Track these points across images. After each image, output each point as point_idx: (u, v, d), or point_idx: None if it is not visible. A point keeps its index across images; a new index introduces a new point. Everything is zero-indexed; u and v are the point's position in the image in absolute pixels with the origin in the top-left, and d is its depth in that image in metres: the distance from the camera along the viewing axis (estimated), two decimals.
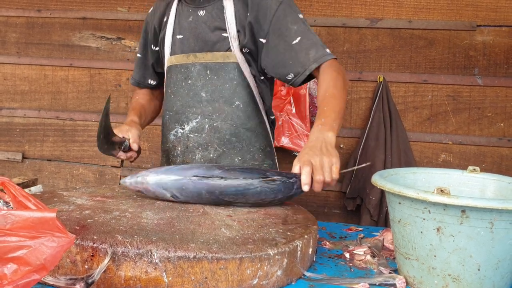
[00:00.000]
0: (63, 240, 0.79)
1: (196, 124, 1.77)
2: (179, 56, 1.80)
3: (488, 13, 2.75)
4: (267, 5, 1.65)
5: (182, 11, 1.82)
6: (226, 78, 1.73)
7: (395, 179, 1.26)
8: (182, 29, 1.81)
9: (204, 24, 1.76)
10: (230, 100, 1.74)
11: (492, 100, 2.76)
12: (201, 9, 1.77)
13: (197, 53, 1.76)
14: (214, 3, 1.76)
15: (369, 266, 1.22)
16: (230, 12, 1.72)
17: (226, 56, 1.73)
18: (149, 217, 1.18)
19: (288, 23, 1.64)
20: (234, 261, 0.98)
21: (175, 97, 1.81)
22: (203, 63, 1.75)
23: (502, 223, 0.99)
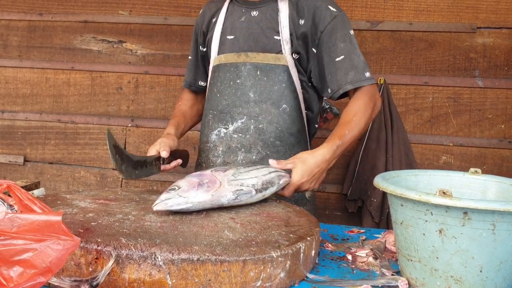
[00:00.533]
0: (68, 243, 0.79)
1: (241, 124, 1.74)
2: (229, 54, 1.78)
3: (488, 15, 2.76)
4: (321, 16, 1.68)
5: (234, 11, 1.82)
6: (276, 80, 1.73)
7: (397, 181, 1.27)
8: (233, 30, 1.80)
9: (257, 24, 1.76)
10: (277, 102, 1.73)
11: (493, 101, 2.77)
12: (255, 10, 1.77)
13: (248, 53, 1.75)
14: (269, 5, 1.76)
15: (371, 268, 1.22)
16: (284, 15, 1.72)
17: (277, 58, 1.73)
18: (152, 220, 1.19)
19: (336, 39, 1.68)
20: (238, 263, 0.98)
21: (221, 96, 1.78)
22: (254, 63, 1.74)
23: (504, 225, 1.00)
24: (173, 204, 1.22)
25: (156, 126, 3.08)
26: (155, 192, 1.54)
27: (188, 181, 1.28)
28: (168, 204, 1.22)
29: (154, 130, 3.08)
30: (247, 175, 1.37)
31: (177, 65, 3.06)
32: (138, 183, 3.10)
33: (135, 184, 3.11)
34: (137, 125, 3.10)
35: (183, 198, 1.23)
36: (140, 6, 3.10)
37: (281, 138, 1.74)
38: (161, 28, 3.07)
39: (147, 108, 3.11)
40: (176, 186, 1.26)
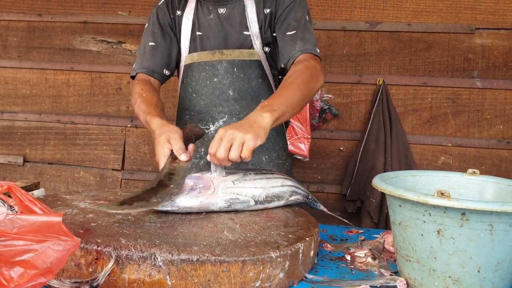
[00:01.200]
0: (68, 243, 0.80)
1: (223, 123, 1.72)
2: (203, 53, 1.75)
3: (487, 16, 2.76)
4: (281, 1, 1.69)
5: (202, 8, 1.78)
6: (252, 76, 1.72)
7: (396, 182, 1.27)
8: (202, 27, 1.77)
9: (226, 21, 1.75)
10: (256, 98, 1.72)
11: (491, 102, 2.78)
12: (222, 7, 1.75)
13: (224, 50, 1.73)
14: (235, 1, 1.75)
15: (370, 268, 1.23)
16: (251, 10, 1.72)
17: (251, 53, 1.72)
18: (152, 221, 1.19)
19: (290, 18, 1.67)
20: (237, 264, 0.99)
21: (197, 96, 1.76)
22: (229, 60, 1.72)
23: (501, 225, 1.00)
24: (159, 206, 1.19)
25: None
26: None
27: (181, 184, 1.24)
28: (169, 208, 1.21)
29: None
30: (251, 184, 1.32)
31: None
32: (138, 183, 3.11)
33: (135, 184, 3.12)
34: (136, 125, 3.10)
35: (170, 201, 1.21)
36: (139, 7, 3.10)
37: None
38: None
39: None
40: None
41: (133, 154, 3.12)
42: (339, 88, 2.89)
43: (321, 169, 2.93)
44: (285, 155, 1.83)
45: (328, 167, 2.93)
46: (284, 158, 1.82)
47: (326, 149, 2.92)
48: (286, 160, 1.83)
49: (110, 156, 3.14)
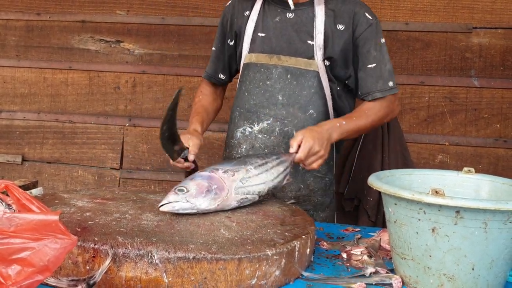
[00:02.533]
0: (65, 241, 0.80)
1: (267, 125, 1.78)
2: (261, 55, 1.80)
3: (484, 15, 2.77)
4: (358, 22, 1.75)
5: (269, 9, 1.82)
6: (305, 85, 1.76)
7: (391, 181, 1.28)
8: (265, 28, 1.81)
9: (291, 27, 1.78)
10: (305, 107, 1.76)
11: (488, 101, 2.79)
12: (291, 12, 1.78)
13: (281, 56, 1.77)
14: (305, 8, 1.78)
15: (366, 266, 1.24)
16: (320, 20, 1.75)
17: (309, 63, 1.76)
18: (149, 219, 1.20)
19: (370, 47, 1.75)
20: (233, 262, 1.00)
21: (249, 95, 1.82)
22: (285, 67, 1.77)
23: (495, 223, 1.01)
24: (179, 208, 1.23)
25: (154, 126, 3.08)
26: (152, 192, 1.55)
27: (197, 185, 1.28)
28: (175, 207, 1.23)
29: (151, 130, 3.09)
30: (256, 180, 1.39)
31: (174, 65, 3.07)
32: (136, 182, 3.12)
33: (133, 183, 3.12)
34: (134, 124, 3.11)
35: (190, 204, 1.24)
36: (138, 6, 3.10)
37: None
38: (159, 28, 3.08)
39: (144, 108, 3.12)
40: (184, 188, 1.26)
41: (131, 153, 3.12)
42: None
43: None
44: (326, 170, 1.85)
45: None
46: (324, 172, 1.84)
47: None
48: (326, 175, 1.85)
49: (108, 155, 3.15)
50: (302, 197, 1.81)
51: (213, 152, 3.01)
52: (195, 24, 3.03)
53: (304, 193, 1.81)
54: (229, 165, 1.40)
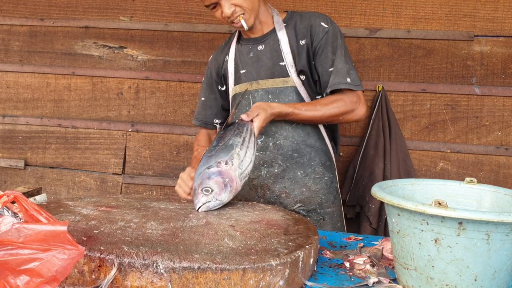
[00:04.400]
0: (73, 252, 0.81)
1: (261, 143, 1.94)
2: (243, 84, 2.00)
3: (486, 23, 2.79)
4: (315, 33, 1.91)
5: (243, 49, 2.03)
6: (286, 100, 1.92)
7: (394, 191, 1.29)
8: (244, 65, 2.01)
9: (265, 56, 1.98)
10: (291, 121, 1.90)
11: (490, 109, 2.80)
12: (260, 44, 1.99)
13: (259, 80, 1.96)
14: (270, 37, 1.98)
15: (368, 276, 1.25)
16: (285, 43, 1.94)
17: (285, 81, 1.93)
18: (153, 228, 1.21)
19: (328, 51, 1.89)
20: (238, 272, 1.01)
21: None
22: (264, 89, 1.95)
23: (498, 235, 1.02)
24: (213, 206, 1.45)
25: (156, 131, 3.10)
26: (155, 199, 1.56)
27: (216, 182, 1.47)
28: (210, 206, 1.45)
29: (154, 135, 3.10)
30: (247, 161, 1.57)
31: (177, 71, 3.09)
32: (138, 188, 3.13)
33: (135, 189, 3.13)
34: (137, 130, 3.12)
35: (219, 201, 1.46)
36: (141, 12, 3.12)
37: (298, 150, 1.93)
38: (162, 34, 3.10)
39: (147, 113, 3.13)
40: (209, 188, 1.45)
41: (133, 159, 3.13)
42: None
43: None
44: (323, 170, 1.99)
45: None
46: (321, 173, 1.98)
47: None
48: (324, 175, 1.99)
49: (111, 160, 3.16)
50: (306, 199, 1.95)
51: None
52: (198, 30, 3.05)
53: (308, 195, 1.95)
54: (223, 154, 1.54)
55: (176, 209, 1.43)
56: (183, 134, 3.08)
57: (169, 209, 1.42)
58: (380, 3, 2.87)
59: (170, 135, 3.09)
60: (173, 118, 3.10)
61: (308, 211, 1.95)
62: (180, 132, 3.08)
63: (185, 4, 3.07)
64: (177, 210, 1.41)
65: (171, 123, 3.09)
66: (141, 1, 3.12)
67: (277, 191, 1.95)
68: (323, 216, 1.97)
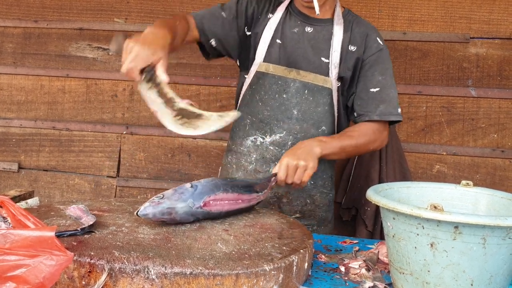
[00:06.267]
0: (61, 258, 0.79)
1: (279, 138, 1.78)
2: (279, 67, 1.78)
3: (481, 25, 2.78)
4: (369, 45, 1.77)
5: (290, 19, 1.81)
6: (320, 102, 1.77)
7: (390, 194, 1.28)
8: (283, 36, 1.79)
9: (308, 41, 1.78)
10: (318, 123, 1.78)
11: (486, 111, 2.79)
12: (310, 26, 1.79)
13: (301, 71, 1.77)
14: (324, 25, 1.79)
15: (363, 280, 1.23)
16: (338, 40, 1.76)
17: (325, 80, 1.76)
18: (145, 232, 1.19)
19: (376, 71, 1.75)
20: (231, 277, 0.99)
21: (263, 105, 1.79)
22: (303, 82, 1.76)
23: (494, 239, 1.01)
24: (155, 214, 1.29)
25: (151, 134, 3.08)
26: None
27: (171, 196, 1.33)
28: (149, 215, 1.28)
29: (149, 138, 3.08)
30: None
31: (172, 73, 3.02)
32: (132, 191, 3.10)
33: (130, 192, 3.11)
34: (132, 132, 3.10)
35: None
36: (136, 14, 3.10)
37: None
38: None
39: (142, 116, 3.11)
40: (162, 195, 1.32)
41: (128, 161, 3.11)
42: None
43: None
44: (331, 186, 1.89)
45: None
46: (329, 189, 1.88)
47: None
48: (330, 191, 1.89)
49: (105, 163, 3.14)
50: (307, 212, 1.83)
51: (211, 160, 3.00)
52: None
53: (310, 208, 1.83)
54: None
55: None
56: (178, 137, 3.05)
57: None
58: (376, 5, 2.86)
59: (165, 138, 3.07)
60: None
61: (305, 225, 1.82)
62: (175, 134, 3.04)
63: (180, 6, 3.05)
64: None
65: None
66: (135, 3, 3.10)
67: (279, 193, 1.80)
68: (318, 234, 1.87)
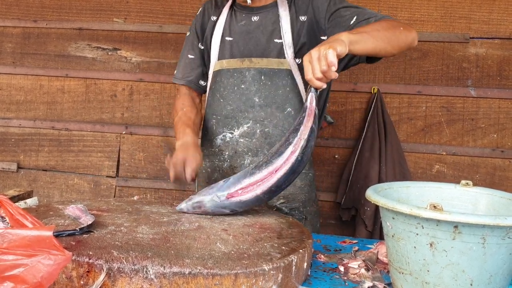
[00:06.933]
0: (59, 258, 0.79)
1: (247, 129, 1.78)
2: (232, 60, 1.80)
3: (481, 25, 2.78)
4: (318, 4, 1.72)
5: (235, 15, 1.84)
6: (280, 84, 1.76)
7: (389, 193, 1.27)
8: (232, 32, 1.82)
9: (257, 29, 1.79)
10: (282, 106, 1.77)
11: (485, 111, 2.79)
12: (255, 15, 1.81)
13: (252, 58, 1.77)
14: (269, 10, 1.80)
15: (363, 280, 1.23)
16: (285, 21, 1.76)
17: (281, 62, 1.76)
18: (144, 232, 1.19)
19: (340, 12, 1.68)
20: (229, 277, 0.99)
21: (224, 101, 1.81)
22: (257, 68, 1.77)
23: (494, 239, 1.00)
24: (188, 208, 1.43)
25: (151, 134, 3.08)
26: (147, 203, 1.54)
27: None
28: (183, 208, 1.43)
29: (148, 138, 3.08)
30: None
31: (171, 73, 3.04)
32: (132, 191, 3.10)
33: (129, 192, 3.10)
34: (131, 132, 3.10)
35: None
36: (135, 14, 3.10)
37: None
38: (156, 36, 3.08)
39: (141, 116, 3.11)
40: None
41: (127, 161, 3.11)
42: (334, 96, 2.89)
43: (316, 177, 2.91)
44: (309, 166, 1.87)
45: (323, 175, 2.93)
46: (307, 169, 1.86)
47: (321, 157, 2.92)
48: (309, 171, 1.88)
49: (104, 163, 3.13)
50: (290, 196, 1.82)
51: None
52: None
53: (292, 191, 1.81)
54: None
55: (168, 213, 1.40)
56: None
57: (161, 213, 1.39)
58: (376, 4, 2.86)
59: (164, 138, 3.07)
60: (168, 120, 3.07)
61: (291, 209, 1.83)
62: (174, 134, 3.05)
63: (180, 5, 3.05)
64: (169, 214, 1.39)
65: (165, 125, 3.07)
66: (135, 3, 3.10)
67: None
68: (306, 216, 1.85)
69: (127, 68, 3.11)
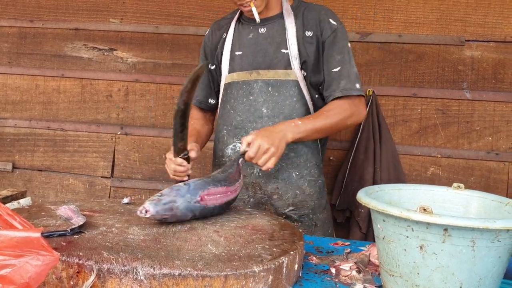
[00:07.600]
0: (48, 258, 0.79)
1: None
2: (241, 73, 1.87)
3: (476, 28, 2.79)
4: (323, 28, 1.83)
5: (242, 29, 1.92)
6: (287, 95, 1.82)
7: (381, 196, 1.27)
8: (241, 46, 1.89)
9: (265, 40, 1.86)
10: (289, 116, 1.81)
11: (481, 114, 2.80)
12: (262, 27, 1.87)
13: (260, 70, 1.84)
14: (275, 22, 1.87)
15: (354, 282, 1.23)
16: (291, 33, 1.83)
17: (287, 73, 1.82)
18: (135, 233, 1.19)
19: (334, 51, 1.81)
20: (219, 279, 0.99)
21: (234, 112, 1.87)
22: (265, 80, 1.83)
23: (483, 242, 1.01)
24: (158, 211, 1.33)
25: (146, 134, 3.07)
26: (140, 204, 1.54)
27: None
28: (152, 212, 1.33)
29: (143, 138, 3.08)
30: None
31: (167, 74, 3.07)
32: (127, 191, 3.10)
33: (124, 192, 3.10)
34: (126, 133, 3.09)
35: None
36: (131, 15, 3.10)
37: (295, 150, 1.83)
38: (152, 36, 3.08)
39: (137, 116, 3.11)
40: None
41: (122, 162, 3.11)
42: None
43: None
44: (318, 173, 1.91)
45: None
46: (316, 176, 1.90)
47: None
48: (318, 178, 1.91)
49: (99, 164, 3.13)
50: (299, 203, 1.87)
51: (206, 161, 3.00)
52: (188, 33, 3.03)
53: (301, 198, 1.87)
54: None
55: None
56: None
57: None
58: (372, 7, 2.87)
59: (159, 139, 3.07)
60: (163, 121, 3.07)
61: (300, 216, 1.87)
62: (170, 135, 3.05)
63: (176, 6, 3.05)
64: None
65: (160, 126, 3.07)
66: (131, 3, 3.10)
67: (269, 192, 1.85)
68: (315, 222, 1.89)
69: (123, 69, 3.11)
